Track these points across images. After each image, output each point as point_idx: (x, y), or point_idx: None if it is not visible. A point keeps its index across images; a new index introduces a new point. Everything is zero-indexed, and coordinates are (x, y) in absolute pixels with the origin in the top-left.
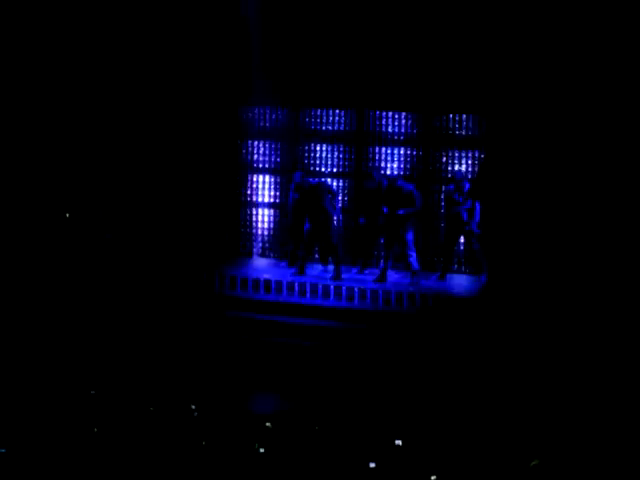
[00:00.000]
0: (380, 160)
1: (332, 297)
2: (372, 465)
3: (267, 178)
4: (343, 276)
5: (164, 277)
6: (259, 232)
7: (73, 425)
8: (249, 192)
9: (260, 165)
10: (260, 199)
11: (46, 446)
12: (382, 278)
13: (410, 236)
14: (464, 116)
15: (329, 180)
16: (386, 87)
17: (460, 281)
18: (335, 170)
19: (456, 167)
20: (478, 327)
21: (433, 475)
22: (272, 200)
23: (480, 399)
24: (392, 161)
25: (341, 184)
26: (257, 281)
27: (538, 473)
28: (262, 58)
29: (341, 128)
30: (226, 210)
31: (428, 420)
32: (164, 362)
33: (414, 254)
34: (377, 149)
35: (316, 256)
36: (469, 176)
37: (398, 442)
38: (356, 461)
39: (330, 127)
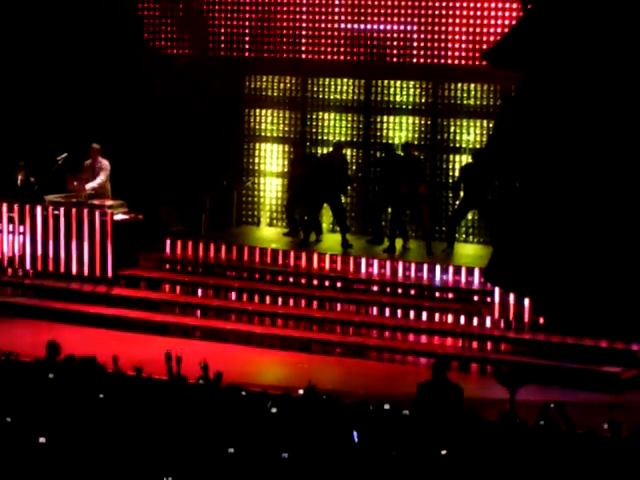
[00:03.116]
0: (388, 129)
1: None
2: None
3: (274, 147)
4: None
5: None
6: (266, 201)
7: None
8: (256, 161)
9: (267, 134)
10: (268, 168)
11: None
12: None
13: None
14: (472, 85)
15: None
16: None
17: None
18: (343, 139)
19: (464, 137)
20: None
21: None
22: (279, 169)
23: None
24: (400, 130)
25: (349, 153)
26: None
27: None
28: (269, 28)
29: (349, 97)
30: (232, 178)
31: None
32: None
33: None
34: (385, 118)
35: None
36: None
37: None
38: None
39: (338, 96)
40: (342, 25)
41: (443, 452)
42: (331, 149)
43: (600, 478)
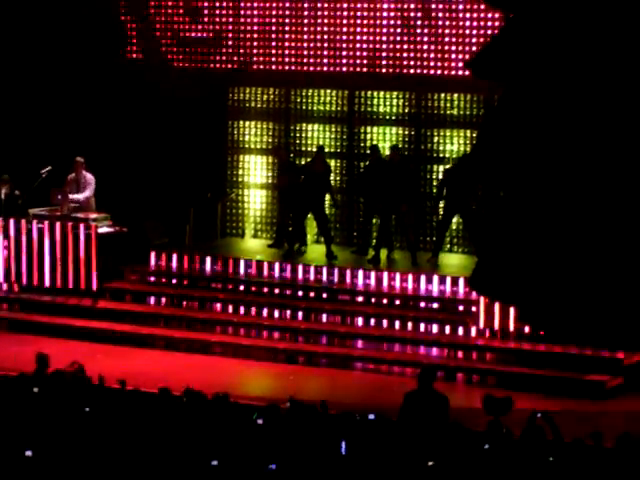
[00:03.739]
0: (372, 140)
1: None
2: None
3: (258, 159)
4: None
5: None
6: (251, 213)
7: None
8: (240, 172)
9: (251, 146)
10: (252, 179)
11: None
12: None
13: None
14: (455, 95)
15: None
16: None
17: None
18: (327, 150)
19: (448, 147)
20: None
21: None
22: (263, 181)
23: None
24: (384, 141)
25: (333, 164)
26: None
27: None
28: (252, 40)
29: (332, 108)
30: (216, 190)
31: None
32: None
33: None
34: (369, 129)
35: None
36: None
37: None
38: None
39: (322, 107)
40: (325, 36)
41: (430, 463)
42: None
43: None
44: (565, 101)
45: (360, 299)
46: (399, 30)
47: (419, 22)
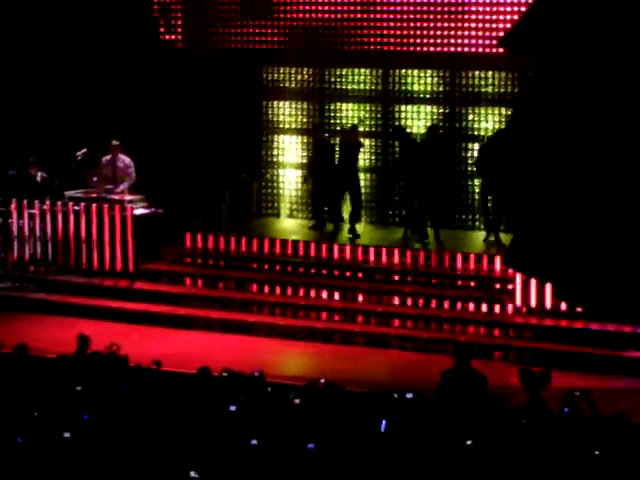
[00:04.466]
0: (406, 119)
1: None
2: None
3: (292, 138)
4: None
5: None
6: (286, 193)
7: None
8: (275, 152)
9: (285, 125)
10: (287, 159)
11: None
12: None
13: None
14: (490, 72)
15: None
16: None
17: None
18: (361, 129)
19: (482, 124)
20: None
21: None
22: (298, 160)
23: None
24: (419, 119)
25: (367, 143)
26: None
27: None
28: (286, 18)
29: (367, 87)
30: (251, 170)
31: None
32: None
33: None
34: (403, 107)
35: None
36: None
37: None
38: None
39: (356, 86)
40: (359, 15)
41: (468, 442)
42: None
43: (627, 463)
44: (598, 75)
45: (396, 278)
46: (432, 8)
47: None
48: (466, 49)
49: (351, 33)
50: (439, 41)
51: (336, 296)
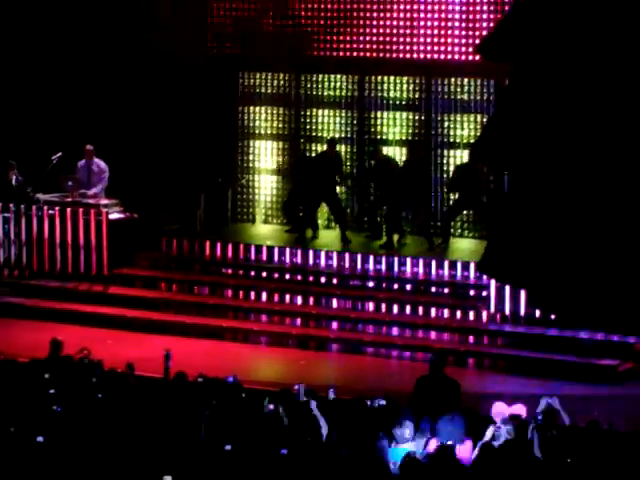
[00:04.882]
0: (382, 125)
1: None
2: None
3: (268, 144)
4: None
5: None
6: (261, 198)
7: None
8: (250, 158)
9: (262, 131)
10: (262, 165)
11: None
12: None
13: None
14: (465, 79)
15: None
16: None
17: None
18: (337, 136)
19: (458, 132)
20: None
21: None
22: (274, 166)
23: None
24: (394, 126)
25: (343, 149)
26: None
27: None
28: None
29: (343, 93)
30: (227, 175)
31: None
32: None
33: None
34: (379, 114)
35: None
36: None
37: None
38: None
39: (332, 92)
40: (335, 21)
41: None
42: (325, 147)
43: (600, 472)
44: (574, 82)
45: (371, 284)
46: (409, 15)
47: (429, 7)
48: (442, 56)
49: (327, 39)
50: (415, 48)
51: (311, 302)
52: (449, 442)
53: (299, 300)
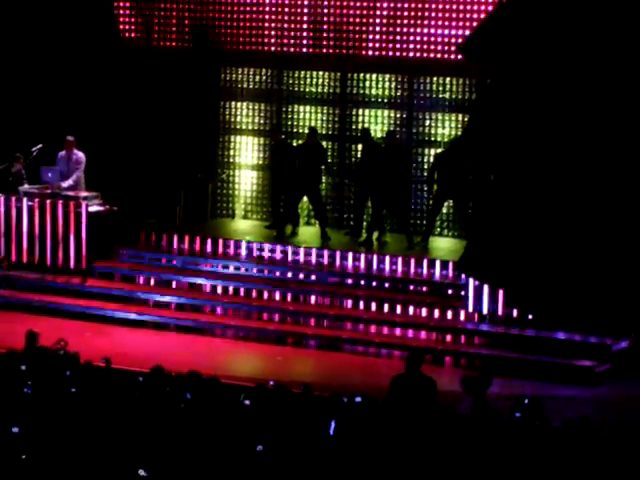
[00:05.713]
0: (364, 122)
1: None
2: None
3: (249, 139)
4: None
5: None
6: (241, 194)
7: None
8: (231, 153)
9: (243, 127)
10: (243, 160)
11: None
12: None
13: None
14: (447, 79)
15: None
16: (369, 49)
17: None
18: (318, 132)
19: (439, 130)
20: None
21: None
22: (254, 161)
23: None
24: (376, 123)
25: (324, 145)
26: None
27: None
28: (245, 20)
29: (324, 90)
30: (207, 170)
31: None
32: None
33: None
34: (361, 111)
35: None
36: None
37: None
38: None
39: (313, 89)
40: (318, 17)
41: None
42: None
43: (577, 471)
44: (554, 83)
45: (349, 281)
46: (392, 12)
47: (412, 5)
48: (425, 55)
49: (309, 35)
50: (398, 46)
51: (289, 298)
52: None
53: (277, 296)
